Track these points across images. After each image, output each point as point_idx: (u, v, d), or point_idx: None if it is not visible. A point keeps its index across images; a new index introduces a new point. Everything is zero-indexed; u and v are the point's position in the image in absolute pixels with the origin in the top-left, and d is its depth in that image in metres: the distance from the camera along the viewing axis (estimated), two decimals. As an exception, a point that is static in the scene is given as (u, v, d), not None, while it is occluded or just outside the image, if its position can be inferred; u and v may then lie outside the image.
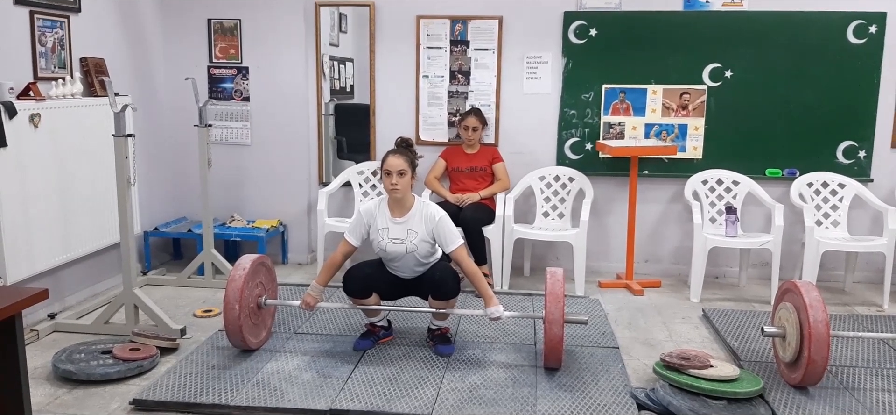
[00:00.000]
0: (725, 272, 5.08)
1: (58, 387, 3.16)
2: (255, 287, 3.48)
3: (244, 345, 3.42)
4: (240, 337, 3.37)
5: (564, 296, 3.23)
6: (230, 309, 3.31)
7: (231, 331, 3.35)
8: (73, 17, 4.21)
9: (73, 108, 4.04)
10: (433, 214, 3.41)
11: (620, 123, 4.95)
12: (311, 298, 3.46)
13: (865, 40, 4.70)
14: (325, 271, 3.51)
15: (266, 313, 3.63)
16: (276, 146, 5.16)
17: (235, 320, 3.31)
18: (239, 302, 3.30)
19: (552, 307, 3.19)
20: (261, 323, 3.58)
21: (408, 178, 3.37)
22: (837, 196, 4.76)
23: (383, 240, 3.42)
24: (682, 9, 4.82)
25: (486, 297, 3.40)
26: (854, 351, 3.63)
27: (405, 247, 3.40)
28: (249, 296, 3.41)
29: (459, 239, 3.43)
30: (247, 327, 3.39)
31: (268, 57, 5.10)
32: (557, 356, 3.25)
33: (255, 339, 3.49)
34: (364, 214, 3.49)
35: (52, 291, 3.69)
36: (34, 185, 3.79)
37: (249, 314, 3.43)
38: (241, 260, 3.45)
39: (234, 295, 3.31)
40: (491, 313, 3.36)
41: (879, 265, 4.59)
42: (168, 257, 5.32)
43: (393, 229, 3.42)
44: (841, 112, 4.79)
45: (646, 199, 5.00)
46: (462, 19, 4.97)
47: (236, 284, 3.33)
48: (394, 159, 3.37)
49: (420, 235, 3.39)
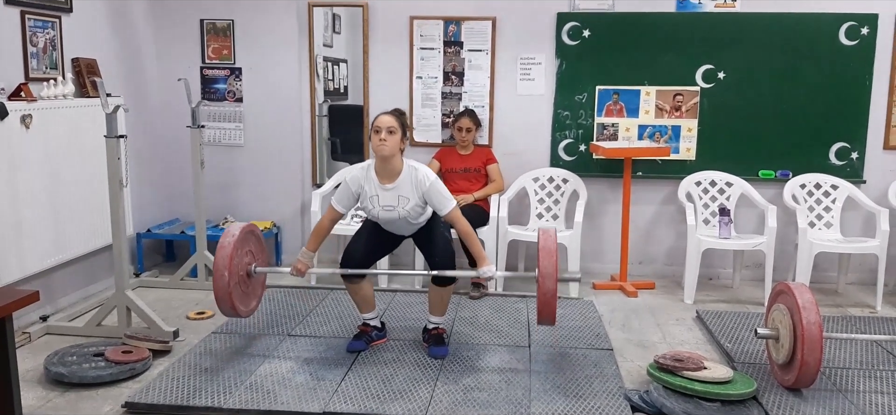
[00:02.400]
0: (719, 274, 5.09)
1: (50, 390, 3.14)
2: (244, 255, 3.38)
3: (234, 313, 3.33)
4: (230, 304, 3.27)
5: (557, 253, 3.17)
6: (220, 276, 3.21)
7: (221, 299, 3.25)
8: (65, 17, 4.18)
9: (64, 108, 4.02)
10: (424, 179, 3.34)
11: (614, 124, 4.96)
12: (301, 263, 3.44)
13: (857, 42, 4.72)
14: (313, 238, 3.49)
15: (256, 283, 3.54)
16: (269, 147, 5.15)
17: (225, 287, 3.21)
18: (228, 269, 3.21)
19: (545, 262, 3.13)
20: (251, 292, 3.49)
21: (397, 138, 3.30)
22: (830, 198, 4.78)
23: (375, 208, 3.38)
24: (675, 10, 4.83)
25: (479, 257, 3.39)
26: (847, 353, 3.64)
27: (398, 213, 3.36)
28: (239, 264, 3.32)
29: (452, 201, 3.38)
30: (237, 295, 3.31)
31: (261, 58, 5.08)
32: (551, 312, 3.17)
33: (244, 307, 3.40)
34: (350, 182, 3.41)
35: (43, 293, 3.66)
36: (25, 186, 3.76)
37: (239, 282, 3.34)
38: (229, 228, 3.35)
39: (224, 262, 3.21)
40: (484, 272, 3.35)
41: (872, 267, 4.61)
42: (161, 259, 5.30)
43: (383, 196, 3.36)
44: (833, 114, 4.81)
45: (639, 200, 5.01)
46: (455, 20, 4.97)
47: (225, 251, 3.23)
48: (384, 117, 3.32)
49: (412, 200, 3.35)
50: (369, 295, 3.63)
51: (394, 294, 4.49)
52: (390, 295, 4.46)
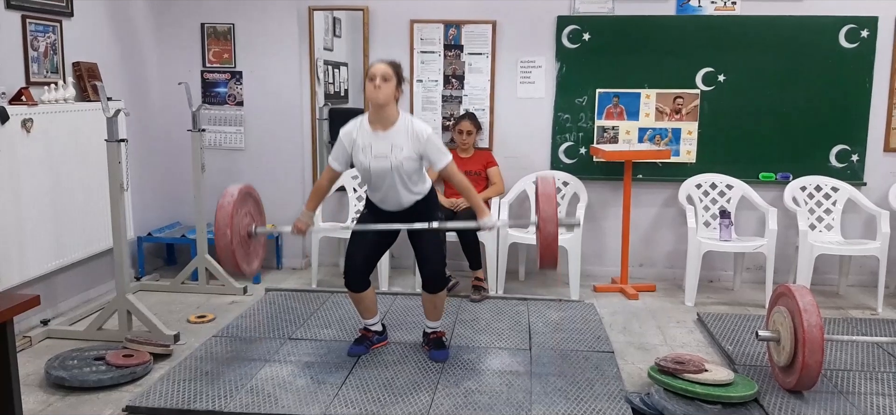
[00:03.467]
0: (720, 276, 5.09)
1: (50, 394, 3.14)
2: (244, 216, 3.39)
3: (238, 271, 3.33)
4: (233, 262, 3.27)
5: (556, 198, 3.17)
6: (221, 235, 3.21)
7: (224, 257, 3.25)
8: (66, 21, 4.19)
9: (65, 113, 4.03)
10: (421, 132, 3.26)
11: (614, 127, 4.96)
12: (302, 223, 3.41)
13: (857, 44, 4.73)
14: (312, 197, 3.48)
15: (257, 243, 3.54)
16: (270, 151, 5.15)
17: (228, 245, 3.21)
18: (230, 227, 3.20)
19: (545, 206, 3.13)
20: (253, 252, 3.49)
21: (392, 86, 3.23)
22: (831, 200, 4.78)
23: (367, 159, 3.27)
24: (675, 13, 4.83)
25: (479, 209, 3.35)
26: (848, 355, 3.63)
27: (390, 162, 3.23)
28: (239, 223, 3.32)
29: (448, 155, 3.34)
30: (240, 254, 3.31)
31: (261, 61, 5.09)
32: (553, 255, 3.16)
33: (248, 266, 3.41)
34: (343, 137, 3.34)
35: (44, 297, 3.67)
36: (26, 190, 3.77)
37: (241, 242, 3.34)
38: (227, 189, 3.35)
39: (225, 220, 3.21)
40: (484, 223, 3.33)
41: (873, 269, 4.61)
42: (161, 263, 5.30)
43: (376, 145, 3.26)
44: (834, 116, 4.81)
45: (640, 203, 5.01)
46: (456, 23, 4.97)
47: (226, 210, 3.23)
48: (379, 65, 3.25)
49: (406, 151, 3.24)
50: (372, 302, 3.62)
51: (394, 297, 4.49)
52: (391, 298, 4.46)
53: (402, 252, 4.91)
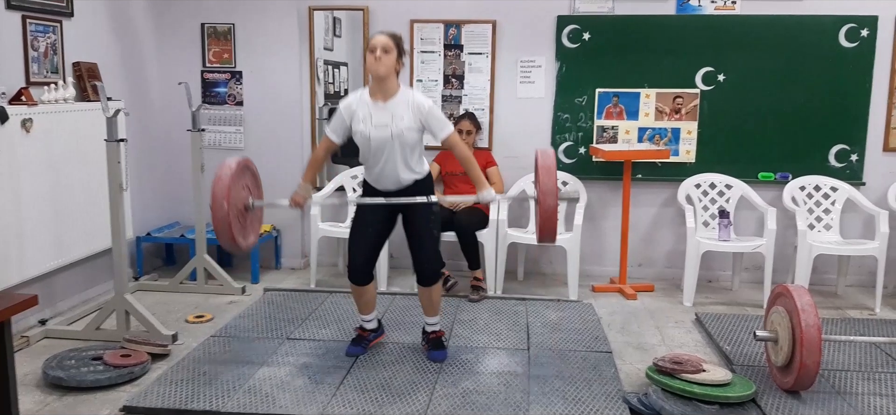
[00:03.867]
0: (718, 276, 5.08)
1: (48, 394, 3.14)
2: (241, 189, 3.30)
3: (233, 244, 3.23)
4: (229, 235, 3.17)
5: (556, 170, 3.13)
6: (218, 207, 3.11)
7: (220, 230, 3.15)
8: (66, 21, 4.20)
9: (65, 113, 4.03)
10: (422, 103, 3.27)
11: (614, 126, 4.96)
12: (299, 196, 3.37)
13: (857, 44, 4.72)
14: (309, 169, 3.47)
15: (254, 217, 3.45)
16: (269, 151, 5.15)
17: (224, 218, 3.11)
18: (227, 199, 3.11)
19: (545, 179, 3.07)
20: (249, 227, 3.40)
21: (392, 57, 3.22)
22: (830, 200, 4.77)
23: (367, 127, 3.25)
24: (675, 13, 4.83)
25: (478, 182, 3.35)
26: (846, 355, 3.63)
27: (390, 131, 3.23)
28: (237, 196, 3.23)
29: (450, 125, 3.35)
30: (236, 228, 3.21)
31: (261, 61, 5.09)
32: (552, 229, 3.12)
33: (244, 240, 3.31)
34: (343, 109, 3.33)
35: (42, 296, 3.67)
36: (25, 190, 3.77)
37: (238, 215, 3.25)
38: (225, 161, 3.25)
39: (222, 192, 3.12)
40: (483, 196, 3.32)
41: (871, 269, 4.60)
42: (160, 263, 5.31)
43: (376, 115, 3.25)
44: (833, 116, 4.81)
45: (639, 203, 5.01)
46: (456, 23, 4.97)
47: (223, 182, 3.14)
48: (380, 36, 3.24)
49: (407, 120, 3.24)
50: (372, 296, 3.62)
51: (393, 297, 4.49)
52: (390, 298, 4.47)
53: (400, 252, 4.91)
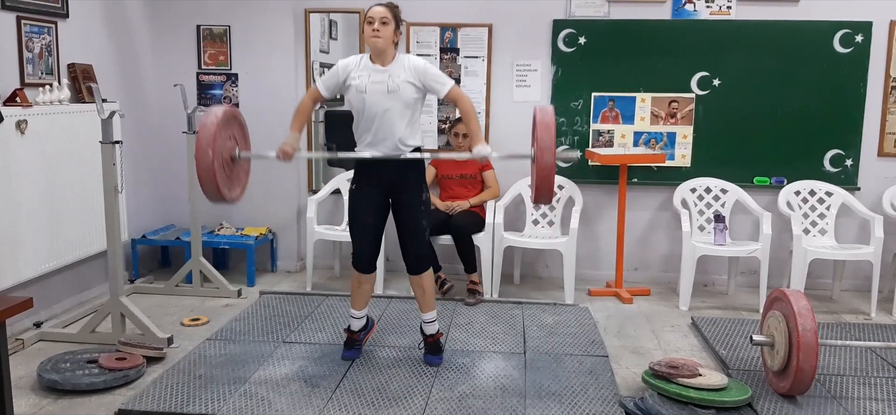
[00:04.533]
0: (714, 280, 5.09)
1: (42, 397, 3.12)
2: (227, 139, 3.21)
3: (218, 195, 3.14)
4: (214, 186, 3.09)
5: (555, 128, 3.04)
6: (203, 155, 3.02)
7: (205, 179, 3.06)
8: (61, 22, 4.18)
9: (60, 114, 4.02)
10: (418, 63, 3.30)
11: (609, 131, 4.97)
12: (288, 146, 3.30)
13: (852, 49, 4.74)
14: (296, 118, 3.43)
15: (240, 170, 3.36)
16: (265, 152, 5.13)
17: (209, 166, 3.02)
18: (212, 147, 3.02)
19: (543, 135, 2.97)
20: (235, 179, 3.31)
21: (390, 29, 3.24)
22: (825, 204, 4.79)
23: (363, 83, 3.26)
24: (671, 18, 4.84)
25: (475, 137, 3.32)
26: (842, 360, 3.64)
27: (387, 86, 3.24)
28: (223, 146, 3.14)
29: (450, 80, 3.34)
30: (221, 179, 3.12)
31: (257, 63, 5.08)
32: (549, 187, 3.05)
33: (229, 192, 3.22)
34: (341, 66, 3.34)
35: (37, 299, 3.65)
36: (20, 192, 3.75)
37: (223, 165, 3.15)
38: (211, 108, 3.17)
39: (207, 140, 3.03)
40: (477, 151, 3.27)
41: (867, 273, 4.62)
42: (156, 265, 5.29)
43: (374, 75, 3.27)
44: (828, 121, 4.82)
45: (635, 207, 5.02)
46: (452, 27, 4.98)
47: (209, 129, 3.05)
48: (378, 8, 3.25)
49: (403, 76, 3.26)
50: (370, 290, 3.59)
51: (389, 300, 4.49)
52: (386, 301, 4.46)
53: (396, 255, 4.90)
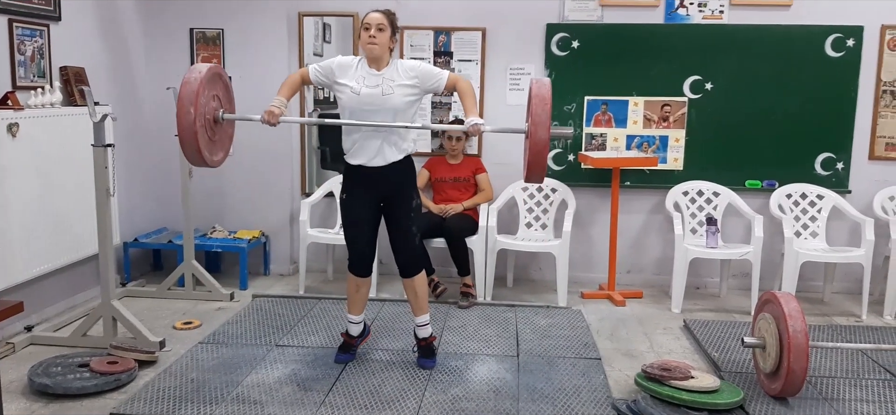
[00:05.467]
0: (706, 283, 5.11)
1: (33, 401, 3.11)
2: (211, 99, 3.10)
3: (199, 158, 3.06)
4: (195, 147, 2.99)
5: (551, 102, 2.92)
6: (184, 113, 2.91)
7: (186, 140, 2.97)
8: (53, 25, 4.17)
9: (52, 117, 4.00)
10: (413, 64, 3.33)
11: (602, 134, 4.98)
12: (275, 108, 3.25)
13: (843, 53, 4.77)
14: (284, 87, 3.40)
15: (223, 133, 3.26)
16: (258, 156, 5.13)
17: (191, 126, 2.93)
18: (194, 106, 2.92)
19: (538, 108, 2.87)
20: (218, 141, 3.22)
21: (386, 35, 3.26)
22: (816, 207, 4.82)
23: (358, 84, 3.26)
24: (664, 22, 4.86)
25: (469, 111, 3.30)
26: (833, 362, 3.66)
27: (381, 90, 3.25)
28: (206, 106, 3.04)
29: (445, 71, 3.36)
30: (203, 140, 3.03)
31: (251, 66, 5.08)
32: (542, 165, 2.98)
33: (210, 155, 3.13)
34: (337, 62, 3.35)
35: (28, 303, 3.63)
36: (11, 195, 3.74)
37: (206, 126, 3.06)
38: (195, 65, 3.10)
39: (189, 98, 2.92)
40: (470, 121, 3.22)
41: (858, 276, 4.64)
42: (148, 269, 5.27)
43: (369, 78, 3.29)
44: (819, 124, 4.85)
45: (627, 210, 5.03)
46: (446, 30, 4.98)
47: (191, 87, 2.94)
48: (374, 14, 3.27)
49: (398, 80, 3.27)
50: (366, 295, 3.60)
51: (383, 304, 4.48)
52: (379, 304, 4.46)
53: (390, 258, 4.90)
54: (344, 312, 3.65)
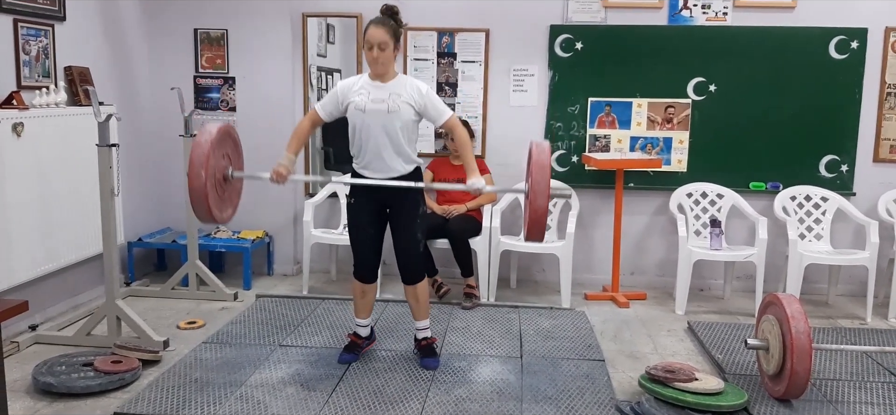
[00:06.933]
0: (710, 285, 5.10)
1: (38, 400, 3.11)
2: (221, 158, 3.17)
3: (209, 216, 3.11)
4: (205, 208, 3.05)
5: (550, 167, 3.01)
6: (196, 176, 2.98)
7: (196, 201, 3.03)
8: (58, 25, 4.18)
9: (56, 117, 4.01)
10: (420, 86, 3.29)
11: (606, 135, 4.98)
12: (283, 167, 3.25)
13: (847, 55, 4.76)
14: (293, 140, 3.36)
15: (232, 189, 3.31)
16: (262, 157, 5.08)
17: (202, 188, 2.99)
18: (205, 168, 2.98)
19: (538, 176, 2.96)
20: (227, 198, 3.26)
21: (390, 50, 3.22)
22: (820, 210, 4.81)
23: (363, 101, 3.23)
24: (667, 23, 4.86)
25: (470, 168, 3.32)
26: (837, 364, 3.65)
27: (387, 106, 3.22)
28: (216, 166, 3.10)
29: (449, 110, 3.35)
30: (213, 199, 3.08)
31: (254, 67, 5.09)
32: (541, 229, 3.05)
33: (220, 212, 3.18)
34: (340, 89, 3.32)
35: (33, 302, 3.64)
36: (16, 194, 3.75)
37: (216, 185, 3.12)
38: (206, 126, 3.11)
39: (200, 160, 2.98)
40: (471, 184, 3.26)
41: (862, 278, 4.63)
42: (152, 268, 5.28)
43: (374, 92, 3.25)
44: (824, 126, 4.84)
45: (631, 211, 5.02)
46: (449, 31, 4.99)
47: (202, 149, 2.99)
48: (375, 31, 3.19)
49: (404, 98, 3.25)
50: (372, 299, 3.61)
51: (386, 304, 4.48)
52: (382, 305, 4.46)
53: (392, 259, 4.90)
54: (349, 313, 3.66)
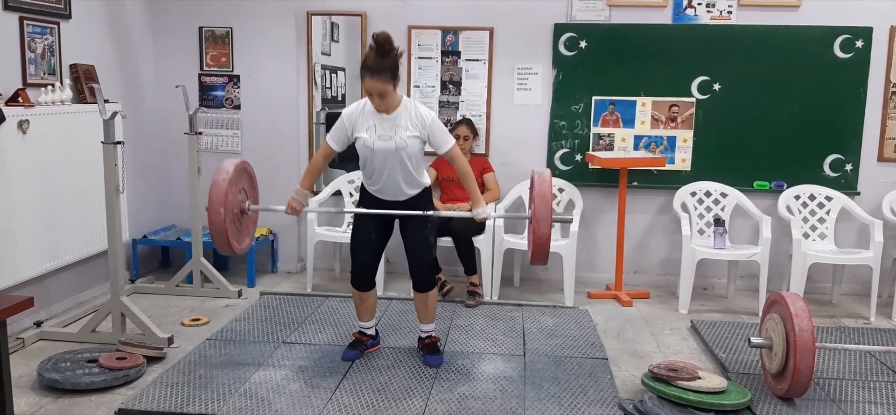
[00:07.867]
0: (713, 284, 5.10)
1: (42, 396, 3.13)
2: (237, 192, 3.33)
3: (229, 250, 3.28)
4: (225, 241, 3.22)
5: (551, 196, 3.14)
6: (215, 213, 3.15)
7: (216, 235, 3.20)
8: (64, 23, 4.20)
9: (62, 114, 4.03)
10: (424, 115, 3.30)
11: (610, 134, 4.98)
12: (296, 202, 3.36)
13: (852, 54, 4.75)
14: (307, 175, 3.44)
15: (249, 220, 3.48)
16: (266, 155, 5.15)
17: (221, 223, 3.16)
18: (224, 206, 3.15)
19: (540, 206, 3.09)
20: (244, 230, 3.43)
21: (390, 92, 3.21)
22: (824, 209, 4.80)
23: (371, 137, 3.26)
24: (671, 22, 4.85)
25: (475, 198, 3.36)
26: (841, 363, 3.65)
27: (394, 143, 3.25)
28: (233, 200, 3.26)
29: (452, 138, 3.37)
30: (232, 233, 3.25)
31: (259, 65, 5.10)
32: (544, 254, 3.17)
33: (238, 244, 3.35)
34: (346, 118, 3.33)
35: (38, 298, 3.66)
36: (21, 191, 3.76)
37: (234, 219, 3.28)
38: (223, 164, 3.28)
39: (219, 198, 3.15)
40: (478, 214, 3.33)
41: (866, 278, 4.62)
42: (156, 265, 5.29)
43: (380, 126, 3.27)
44: (828, 125, 4.83)
45: (635, 210, 5.02)
46: (453, 30, 4.99)
47: (220, 187, 3.17)
48: (372, 83, 3.17)
49: (410, 131, 3.26)
50: (374, 303, 3.64)
51: (389, 302, 4.49)
52: (386, 303, 4.46)
53: (397, 258, 4.91)
54: (353, 311, 3.67)
